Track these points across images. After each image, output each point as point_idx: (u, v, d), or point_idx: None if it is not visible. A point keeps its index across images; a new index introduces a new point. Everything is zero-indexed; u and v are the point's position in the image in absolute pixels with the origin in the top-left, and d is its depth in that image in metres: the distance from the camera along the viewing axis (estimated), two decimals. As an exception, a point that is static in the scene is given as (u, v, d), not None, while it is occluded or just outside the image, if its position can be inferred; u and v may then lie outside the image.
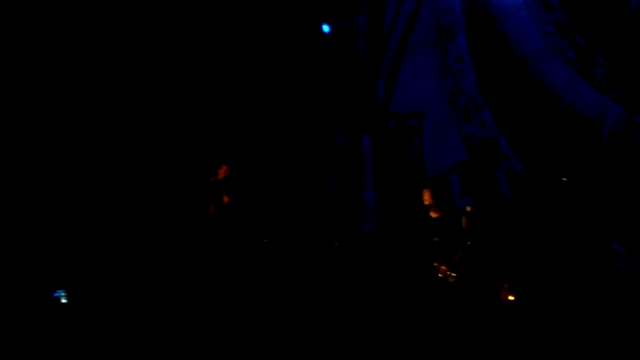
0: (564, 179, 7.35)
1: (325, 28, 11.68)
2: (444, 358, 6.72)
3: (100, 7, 10.52)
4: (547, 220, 6.97)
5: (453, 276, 7.48)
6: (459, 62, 11.03)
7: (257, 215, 8.48)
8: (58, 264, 8.99)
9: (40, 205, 9.99)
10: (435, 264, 7.64)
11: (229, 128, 11.03)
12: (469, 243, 7.54)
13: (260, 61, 11.46)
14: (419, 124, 11.39)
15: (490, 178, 10.33)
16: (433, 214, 7.97)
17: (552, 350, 6.54)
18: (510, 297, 6.95)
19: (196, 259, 8.09)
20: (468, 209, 7.75)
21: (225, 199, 8.18)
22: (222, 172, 8.17)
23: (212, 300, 7.73)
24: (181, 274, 8.19)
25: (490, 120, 10.72)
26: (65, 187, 10.20)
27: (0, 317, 7.43)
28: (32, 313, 7.62)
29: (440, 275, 7.57)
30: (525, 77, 10.32)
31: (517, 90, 10.40)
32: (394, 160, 11.50)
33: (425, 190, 7.99)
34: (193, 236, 8.26)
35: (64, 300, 8.14)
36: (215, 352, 6.91)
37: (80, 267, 9.05)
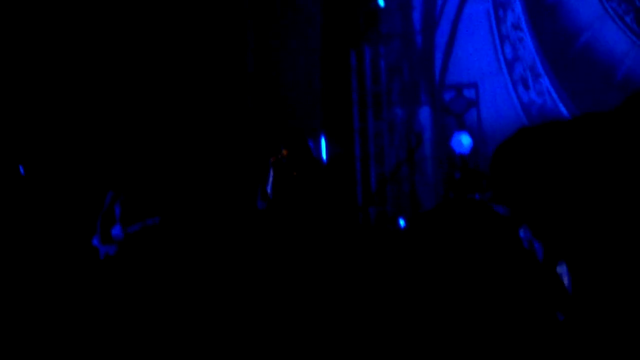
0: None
1: (381, 1, 11.65)
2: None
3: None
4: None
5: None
6: (517, 30, 10.94)
7: (313, 194, 8.50)
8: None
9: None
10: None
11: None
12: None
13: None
14: (476, 95, 11.34)
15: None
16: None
17: None
18: None
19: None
20: None
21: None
22: (284, 153, 8.20)
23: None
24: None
25: (550, 87, 10.63)
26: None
27: None
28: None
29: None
30: (582, 45, 10.20)
31: (574, 58, 10.29)
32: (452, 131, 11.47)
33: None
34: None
35: None
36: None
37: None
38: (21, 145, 9.94)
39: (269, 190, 8.07)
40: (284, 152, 8.07)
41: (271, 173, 8.05)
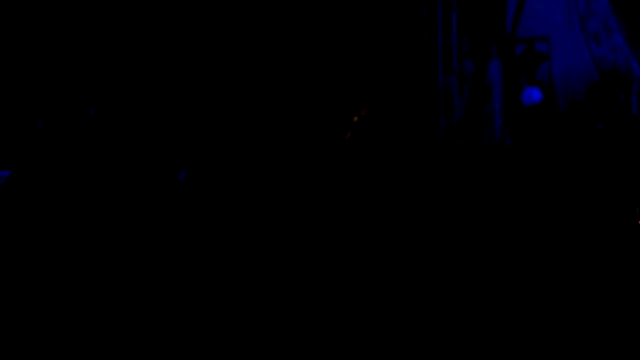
0: None
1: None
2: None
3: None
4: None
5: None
6: (590, -16, 10.85)
7: (387, 143, 8.72)
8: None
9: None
10: None
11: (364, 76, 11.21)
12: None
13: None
14: (548, 49, 11.28)
15: (622, 102, 10.19)
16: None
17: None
18: None
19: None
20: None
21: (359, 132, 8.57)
22: (362, 112, 8.60)
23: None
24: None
25: (622, 43, 10.53)
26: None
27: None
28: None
29: None
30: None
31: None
32: (523, 86, 11.44)
33: None
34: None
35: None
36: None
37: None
38: (91, 90, 10.17)
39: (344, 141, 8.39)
40: (363, 111, 8.40)
41: (351, 129, 8.42)
